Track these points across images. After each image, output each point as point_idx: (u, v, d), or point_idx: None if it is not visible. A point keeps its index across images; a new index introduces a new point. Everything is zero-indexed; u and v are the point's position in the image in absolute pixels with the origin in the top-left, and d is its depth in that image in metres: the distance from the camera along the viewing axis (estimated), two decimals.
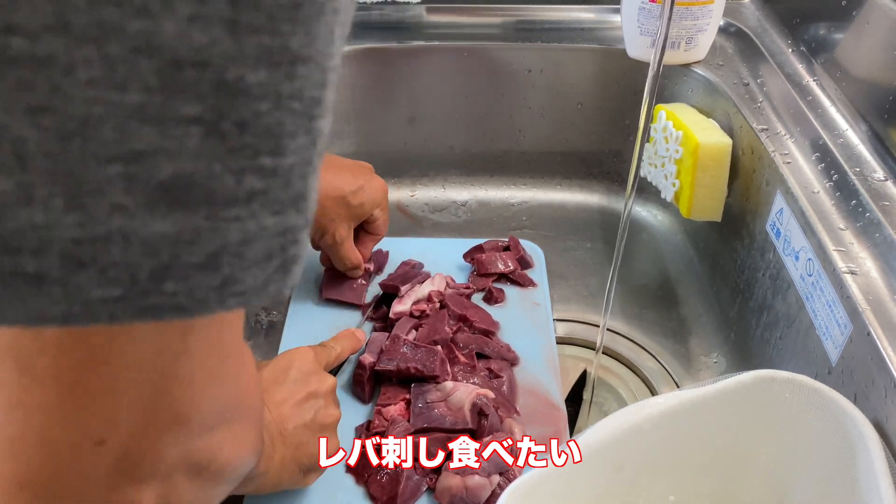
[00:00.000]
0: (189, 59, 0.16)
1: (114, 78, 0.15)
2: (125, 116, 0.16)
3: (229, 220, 0.18)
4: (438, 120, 0.92)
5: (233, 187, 0.17)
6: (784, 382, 0.46)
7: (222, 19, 0.16)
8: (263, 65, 0.17)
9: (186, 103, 0.16)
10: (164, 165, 0.16)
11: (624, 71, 0.85)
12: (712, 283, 0.79)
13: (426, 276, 0.73)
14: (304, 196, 0.19)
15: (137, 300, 0.18)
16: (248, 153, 0.17)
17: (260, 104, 0.17)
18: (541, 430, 0.60)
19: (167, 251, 0.17)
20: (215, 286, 0.18)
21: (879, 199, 0.56)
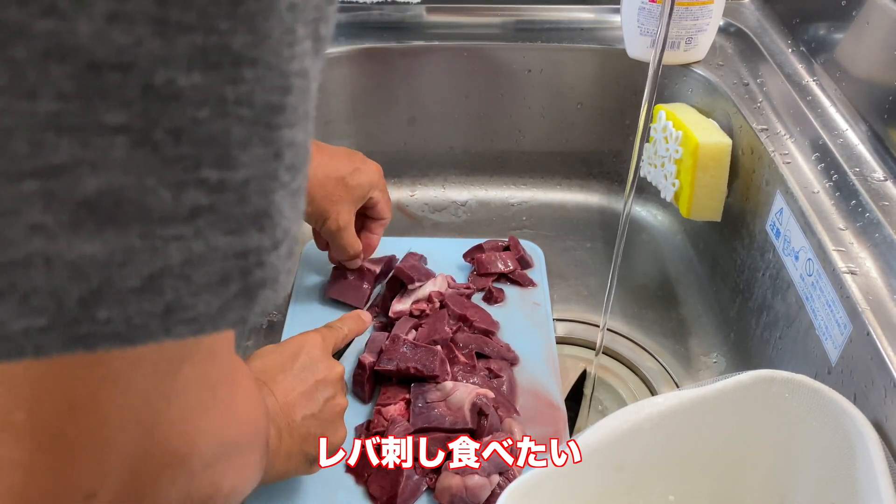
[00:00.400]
0: (110, 62, 0.14)
1: (22, 85, 0.14)
2: (38, 127, 0.14)
3: (168, 240, 0.16)
4: (438, 120, 0.92)
5: (170, 203, 0.16)
6: (784, 382, 0.46)
7: (147, 17, 0.14)
8: (198, 67, 0.15)
9: (109, 110, 0.15)
10: (87, 180, 0.15)
11: (624, 71, 0.85)
12: (712, 283, 0.79)
13: (430, 273, 0.73)
14: (267, 213, 0.17)
15: (66, 329, 0.16)
16: (186, 165, 0.16)
17: (197, 111, 0.15)
18: (541, 430, 0.60)
19: (97, 274, 0.16)
20: (157, 313, 0.17)
21: (879, 199, 0.56)
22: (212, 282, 0.17)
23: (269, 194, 0.17)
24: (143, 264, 0.16)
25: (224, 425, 0.26)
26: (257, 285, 0.18)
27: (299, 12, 0.17)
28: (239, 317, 0.18)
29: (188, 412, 0.23)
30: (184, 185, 0.16)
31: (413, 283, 0.71)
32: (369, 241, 0.72)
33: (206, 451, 0.25)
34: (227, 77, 0.16)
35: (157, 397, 0.22)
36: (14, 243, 0.15)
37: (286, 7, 0.16)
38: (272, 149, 0.17)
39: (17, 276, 0.15)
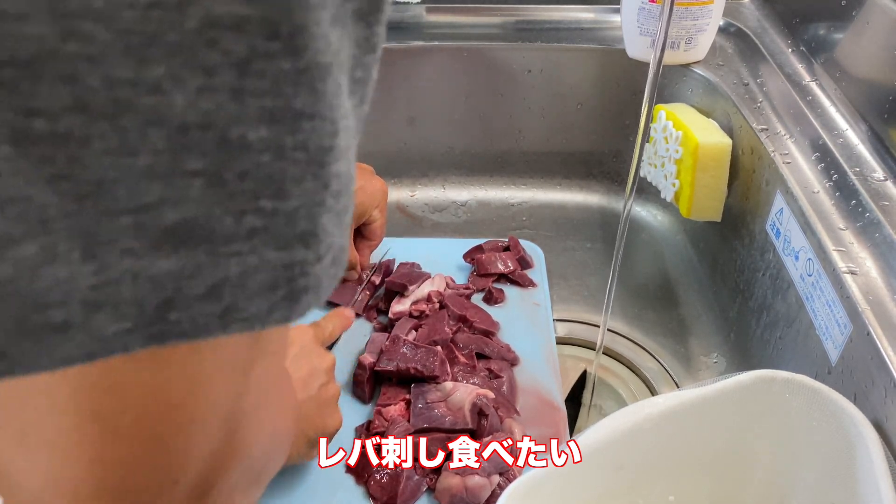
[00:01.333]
0: (195, 124, 0.17)
1: (126, 147, 0.17)
2: (136, 177, 0.17)
3: (229, 255, 0.19)
4: (438, 120, 0.92)
5: (232, 226, 0.19)
6: (784, 382, 0.46)
7: (228, 88, 0.17)
8: (265, 123, 0.18)
9: (191, 160, 0.17)
10: (169, 213, 0.18)
11: (624, 71, 0.85)
12: (712, 283, 0.79)
13: (426, 276, 0.73)
14: (313, 233, 0.20)
15: (145, 330, 0.19)
16: (247, 197, 0.19)
17: (261, 156, 0.18)
18: (541, 430, 0.60)
19: (171, 285, 0.19)
20: (216, 313, 0.20)
21: (879, 198, 0.56)
22: (262, 288, 0.20)
23: (315, 218, 0.20)
24: (208, 276, 0.19)
25: (277, 417, 0.29)
26: (300, 291, 0.21)
27: (343, 67, 0.20)
28: (283, 316, 0.21)
29: (255, 407, 0.26)
30: (244, 213, 0.19)
31: (408, 290, 0.71)
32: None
33: (263, 440, 0.28)
34: (287, 129, 0.18)
35: (233, 394, 0.25)
36: (111, 266, 0.18)
37: (336, 67, 0.19)
38: (321, 182, 0.20)
39: (112, 292, 0.18)
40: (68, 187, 0.17)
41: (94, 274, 0.18)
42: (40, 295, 0.18)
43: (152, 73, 0.16)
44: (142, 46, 0.16)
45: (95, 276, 0.18)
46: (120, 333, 0.19)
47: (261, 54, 0.17)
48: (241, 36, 0.17)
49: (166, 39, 0.16)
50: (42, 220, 0.17)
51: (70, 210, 0.17)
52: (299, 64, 0.18)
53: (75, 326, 0.18)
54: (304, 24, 0.17)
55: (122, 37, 0.16)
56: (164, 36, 0.16)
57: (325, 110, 0.19)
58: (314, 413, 0.53)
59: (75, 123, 0.16)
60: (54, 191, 0.17)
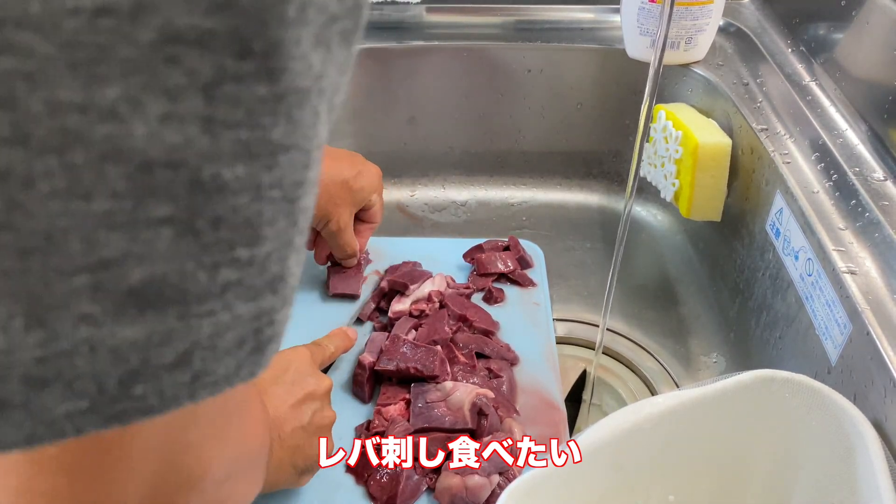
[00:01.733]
0: (161, 161, 0.15)
1: (78, 188, 0.14)
2: (91, 226, 0.14)
3: (202, 316, 0.17)
4: (438, 120, 0.92)
5: (206, 283, 0.16)
6: (784, 382, 0.46)
7: (197, 117, 0.15)
8: (241, 160, 0.16)
9: (157, 205, 0.15)
10: (133, 270, 0.15)
11: (624, 71, 0.85)
12: (712, 283, 0.79)
13: (427, 275, 0.73)
14: (281, 277, 0.18)
15: (105, 409, 0.17)
16: (222, 247, 0.16)
17: (237, 198, 0.16)
18: (541, 430, 0.60)
19: (136, 356, 0.16)
20: (186, 382, 0.17)
21: (879, 198, 0.56)
22: (231, 346, 0.18)
23: (284, 260, 0.18)
24: (179, 342, 0.17)
25: (236, 447, 0.27)
26: (267, 342, 0.19)
27: (324, 94, 0.17)
28: (249, 372, 0.19)
29: (204, 439, 0.24)
30: (219, 266, 0.16)
31: (408, 289, 0.71)
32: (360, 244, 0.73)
33: (218, 472, 0.25)
34: (264, 165, 0.16)
35: (176, 428, 0.23)
36: (62, 335, 0.15)
37: (316, 93, 0.17)
38: (292, 219, 0.18)
39: (63, 365, 0.15)
40: (8, 239, 0.14)
41: (40, 346, 0.15)
42: None
43: (105, 97, 0.14)
44: (90, 63, 0.13)
45: (41, 347, 0.15)
46: (73, 414, 0.16)
47: (231, 76, 0.15)
48: (206, 53, 0.14)
49: (119, 55, 0.14)
50: None
51: (10, 268, 0.14)
52: (276, 89, 0.16)
53: (14, 406, 0.15)
54: (279, 42, 0.15)
55: (67, 51, 0.13)
56: (116, 50, 0.14)
57: (301, 141, 0.17)
58: (305, 443, 0.50)
59: (15, 158, 0.13)
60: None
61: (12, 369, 0.15)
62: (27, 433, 0.16)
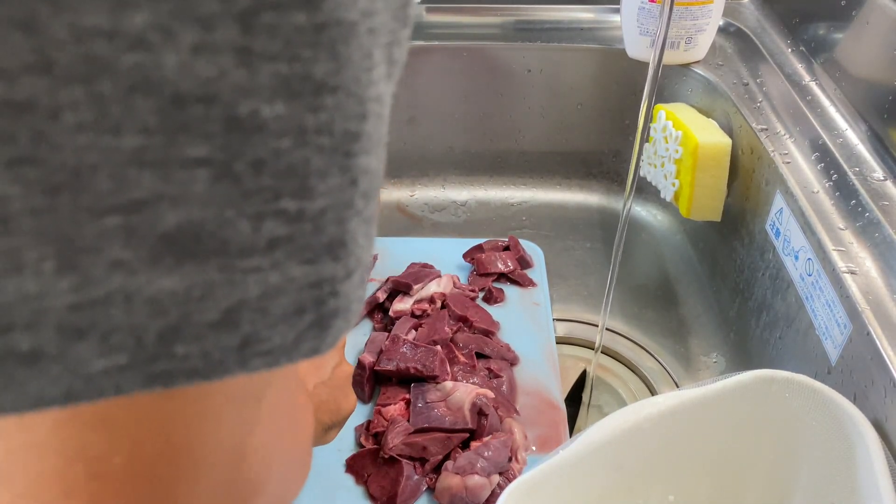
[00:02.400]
0: (194, 95, 0.14)
1: (107, 121, 0.13)
2: (121, 163, 0.14)
3: (247, 272, 0.16)
4: (438, 120, 0.92)
5: (249, 235, 0.15)
6: (784, 382, 0.46)
7: (232, 47, 0.14)
8: (281, 96, 0.15)
9: (192, 144, 0.14)
10: (167, 214, 0.14)
11: (624, 71, 0.85)
12: (712, 283, 0.79)
13: (434, 275, 0.73)
14: (342, 242, 0.17)
15: (145, 367, 0.16)
16: (266, 196, 0.15)
17: (279, 141, 0.15)
18: (541, 430, 0.60)
19: (176, 309, 0.15)
20: (234, 346, 0.16)
21: (879, 198, 0.56)
22: (287, 313, 0.17)
23: (344, 223, 0.17)
24: (222, 298, 0.16)
25: (294, 448, 0.26)
26: (330, 315, 0.18)
27: (376, 36, 0.16)
28: (312, 347, 0.18)
29: (269, 439, 0.23)
30: (263, 217, 0.15)
31: (412, 289, 0.71)
32: None
33: (280, 472, 0.24)
34: (308, 105, 0.15)
35: (243, 429, 0.21)
36: (95, 281, 0.14)
37: (365, 31, 0.16)
38: (349, 176, 0.16)
39: (98, 315, 0.15)
40: (35, 175, 0.13)
41: (74, 291, 0.14)
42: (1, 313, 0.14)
43: (134, 23, 0.13)
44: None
45: (75, 293, 0.14)
46: (112, 371, 0.15)
47: (269, 3, 0.14)
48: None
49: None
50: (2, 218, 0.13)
51: (39, 205, 0.13)
52: (316, 17, 0.15)
53: (49, 357, 0.15)
54: None
55: None
56: None
57: (351, 84, 0.16)
58: (329, 398, 0.50)
59: (39, 87, 0.13)
60: (16, 178, 0.13)
61: (46, 316, 0.14)
62: (64, 388, 0.15)
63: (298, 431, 0.27)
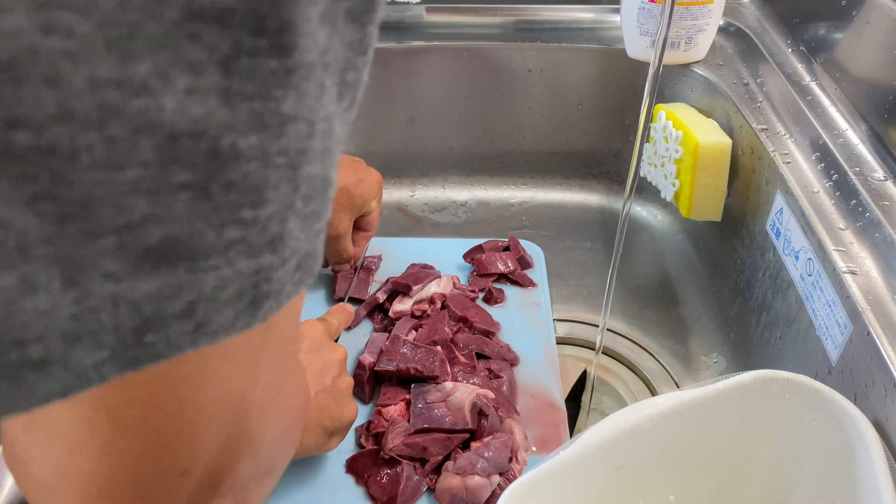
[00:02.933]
0: (186, 131, 0.16)
1: (115, 159, 0.15)
2: (122, 193, 0.16)
3: (207, 270, 0.18)
4: (438, 120, 0.92)
5: (213, 240, 0.18)
6: (784, 382, 0.46)
7: (217, 89, 0.16)
8: (255, 129, 0.17)
9: (179, 172, 0.16)
10: (153, 231, 0.17)
11: (624, 71, 0.85)
12: (712, 283, 0.79)
13: (434, 276, 0.73)
14: (280, 238, 0.19)
15: (122, 356, 0.18)
16: (231, 209, 0.18)
17: (248, 165, 0.17)
18: (541, 430, 0.60)
19: (150, 307, 0.18)
20: (189, 330, 0.19)
21: (879, 198, 0.56)
22: (230, 298, 0.19)
23: (284, 222, 0.19)
24: (187, 294, 0.18)
25: (290, 409, 0.28)
26: (262, 297, 0.20)
27: (329, 68, 0.19)
28: (245, 324, 0.20)
29: (265, 399, 0.25)
30: (225, 225, 0.18)
31: (411, 290, 0.71)
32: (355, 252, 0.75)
33: (273, 432, 0.27)
34: (274, 135, 0.18)
35: (243, 386, 0.24)
36: (91, 292, 0.17)
37: (321, 66, 0.18)
38: (293, 185, 0.19)
39: (92, 320, 0.17)
40: (50, 209, 0.15)
41: (76, 303, 0.16)
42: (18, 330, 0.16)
43: (138, 72, 0.15)
44: (124, 39, 0.15)
45: (76, 304, 0.17)
46: (98, 364, 0.18)
47: (247, 51, 0.16)
48: (225, 30, 0.16)
49: (148, 31, 0.15)
50: (21, 247, 0.15)
51: (51, 234, 0.15)
52: (288, 63, 0.17)
53: (54, 362, 0.17)
54: (292, 20, 0.16)
55: (103, 29, 0.14)
56: (146, 27, 0.15)
57: (306, 112, 0.18)
58: (331, 404, 0.53)
59: (61, 134, 0.15)
60: (35, 213, 0.15)
61: (53, 327, 0.16)
62: (63, 385, 0.17)
63: (292, 395, 0.29)
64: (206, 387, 0.23)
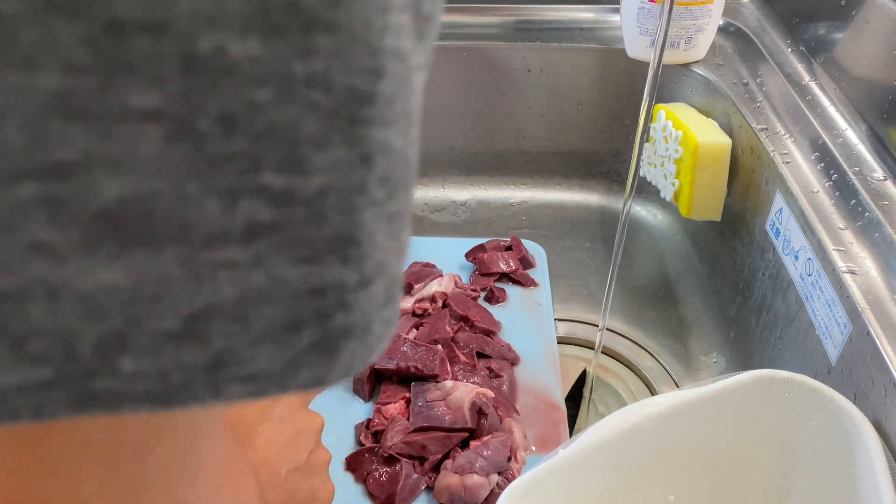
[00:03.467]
0: (137, 21, 0.10)
1: (15, 50, 0.10)
2: (39, 109, 0.10)
3: (218, 268, 0.12)
4: (438, 120, 0.92)
5: (220, 218, 0.12)
6: (784, 382, 0.46)
7: None
8: (256, 30, 0.11)
9: (137, 90, 0.11)
10: (105, 184, 0.11)
11: (623, 71, 0.85)
12: (712, 282, 0.79)
13: (436, 274, 0.73)
14: (352, 238, 0.13)
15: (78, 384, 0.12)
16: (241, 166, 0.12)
17: (256, 91, 0.11)
18: (540, 430, 0.60)
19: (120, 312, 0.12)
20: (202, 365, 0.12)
21: (879, 198, 0.56)
22: (277, 327, 0.13)
23: (354, 213, 0.13)
24: (184, 300, 0.12)
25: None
26: (339, 334, 0.14)
27: None
28: (315, 376, 0.14)
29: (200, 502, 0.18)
30: (238, 194, 0.12)
31: (413, 289, 0.71)
32: None
33: None
34: (295, 46, 0.11)
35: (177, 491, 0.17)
36: (8, 268, 0.11)
37: None
38: (358, 151, 0.13)
39: (10, 311, 0.11)
40: None
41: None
42: None
43: None
44: None
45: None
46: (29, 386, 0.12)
47: None
48: None
49: None
50: None
51: None
52: None
53: None
54: None
55: None
56: None
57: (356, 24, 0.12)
58: (303, 486, 0.44)
59: None
60: None
61: None
62: None
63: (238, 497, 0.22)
64: (60, 495, 0.15)
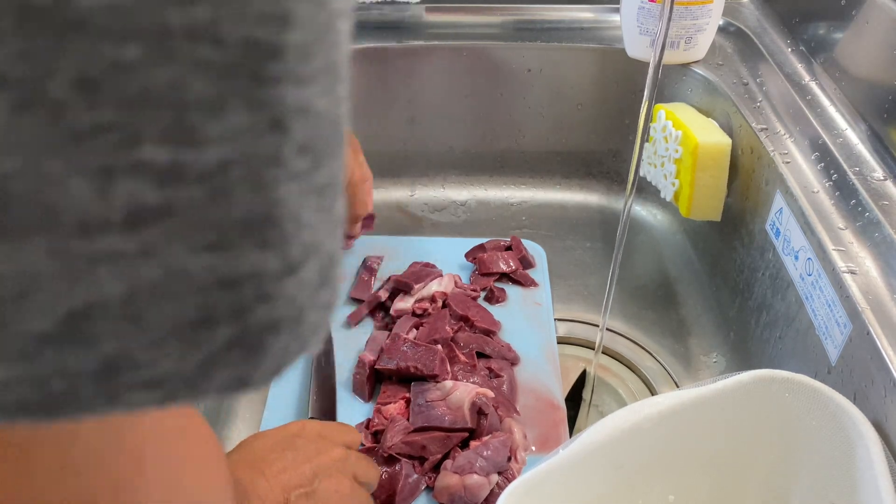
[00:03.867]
0: None
1: None
2: None
3: (96, 260, 0.10)
4: (438, 120, 0.92)
5: (93, 200, 0.10)
6: (783, 382, 0.46)
7: None
8: None
9: None
10: None
11: (623, 71, 0.85)
12: (712, 282, 0.79)
13: (436, 274, 0.73)
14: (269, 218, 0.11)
15: None
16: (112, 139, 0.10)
17: (119, 48, 0.09)
18: (540, 430, 0.60)
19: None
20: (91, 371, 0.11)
21: (879, 198, 0.56)
22: (181, 325, 0.11)
23: (269, 188, 0.11)
24: (57, 296, 0.10)
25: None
26: (263, 329, 0.12)
27: None
28: (236, 377, 0.12)
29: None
30: (112, 173, 0.10)
31: (413, 289, 0.71)
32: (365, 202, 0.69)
33: None
34: None
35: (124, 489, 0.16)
36: None
37: None
38: (265, 116, 0.11)
39: None
40: None
41: None
42: None
43: None
44: None
45: None
46: None
47: None
48: None
49: None
50: None
51: None
52: None
53: None
54: None
55: None
56: None
57: None
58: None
59: None
60: None
61: None
62: None
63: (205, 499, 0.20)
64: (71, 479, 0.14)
